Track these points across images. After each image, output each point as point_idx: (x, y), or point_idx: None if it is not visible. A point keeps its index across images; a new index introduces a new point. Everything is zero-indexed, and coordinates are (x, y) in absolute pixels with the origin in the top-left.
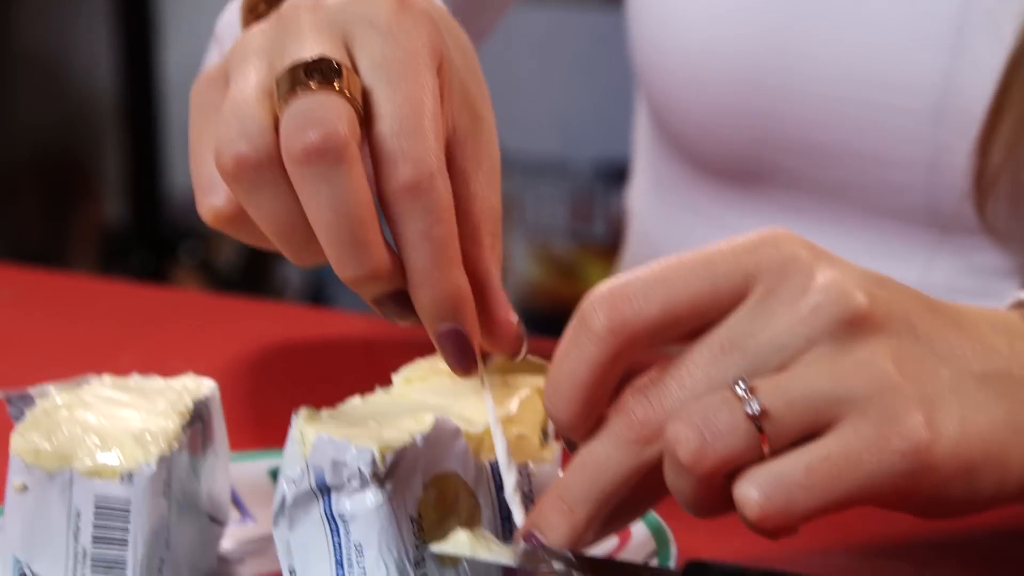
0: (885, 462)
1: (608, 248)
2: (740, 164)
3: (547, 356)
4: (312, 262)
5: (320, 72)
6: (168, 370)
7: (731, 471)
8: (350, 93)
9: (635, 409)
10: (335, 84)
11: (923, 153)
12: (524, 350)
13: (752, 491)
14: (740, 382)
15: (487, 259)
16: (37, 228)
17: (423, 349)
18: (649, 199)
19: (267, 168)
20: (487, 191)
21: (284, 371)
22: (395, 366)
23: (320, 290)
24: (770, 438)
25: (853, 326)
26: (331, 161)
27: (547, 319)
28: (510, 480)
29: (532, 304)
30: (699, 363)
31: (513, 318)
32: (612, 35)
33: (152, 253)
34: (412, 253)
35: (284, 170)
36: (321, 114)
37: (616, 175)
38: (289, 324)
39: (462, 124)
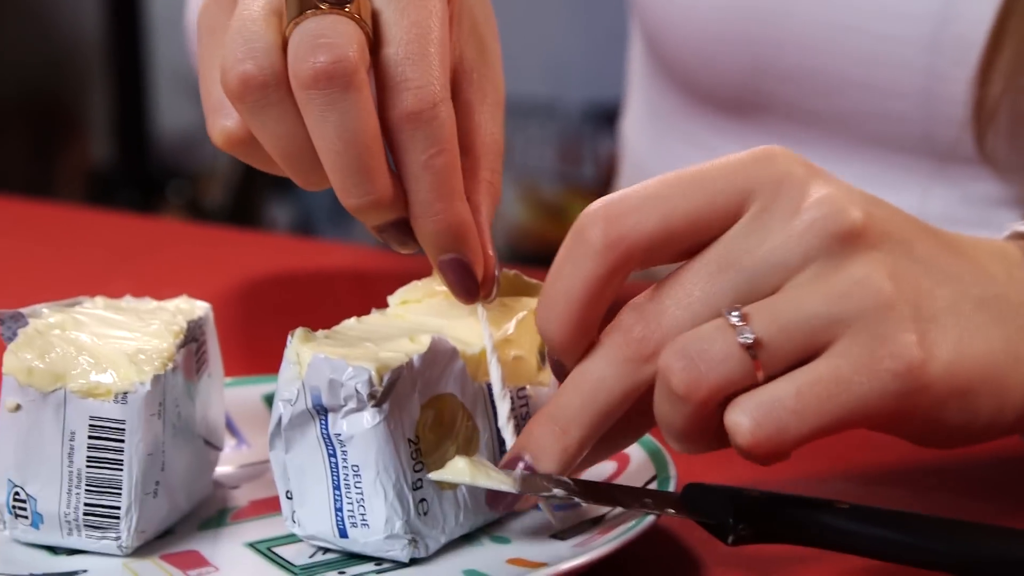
0: (876, 383)
1: (597, 191)
2: (736, 93)
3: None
4: (319, 186)
5: None
6: (159, 297)
7: (724, 400)
8: (360, 16)
9: (632, 327)
10: (346, 7)
11: (919, 82)
12: (495, 293)
13: (743, 418)
14: (734, 311)
15: (480, 194)
16: (24, 168)
17: (415, 276)
18: (644, 130)
19: (273, 89)
20: (490, 124)
21: (276, 299)
22: (387, 292)
23: (308, 228)
24: (764, 365)
25: (848, 241)
26: (340, 87)
27: (535, 261)
28: (504, 409)
29: (520, 247)
30: (696, 282)
31: (493, 262)
32: None
33: (139, 192)
34: (414, 183)
35: (291, 92)
36: (332, 38)
37: (605, 117)
38: (280, 254)
39: (469, 54)
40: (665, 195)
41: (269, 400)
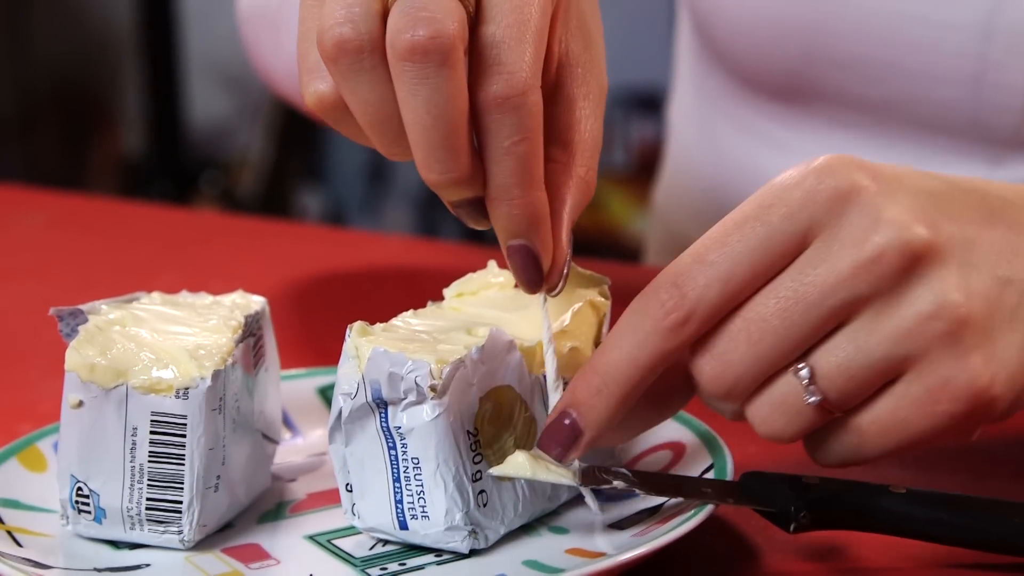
0: (932, 421)
1: (629, 177)
2: (786, 79)
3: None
4: (402, 158)
5: None
6: (210, 290)
7: None
8: None
9: (702, 367)
10: None
11: (971, 69)
12: (560, 288)
13: (810, 449)
14: (802, 367)
15: (569, 188)
16: (57, 159)
17: (459, 267)
18: (691, 115)
19: (368, 55)
20: (591, 119)
21: (323, 291)
22: (436, 284)
23: (338, 220)
24: (835, 408)
25: (913, 266)
26: (435, 62)
27: None
28: (555, 401)
29: None
30: (765, 317)
31: (565, 256)
32: None
33: (172, 183)
34: (495, 167)
35: (385, 60)
36: (433, 11)
37: (637, 104)
38: (321, 245)
39: (575, 48)
40: (725, 254)
41: (323, 393)
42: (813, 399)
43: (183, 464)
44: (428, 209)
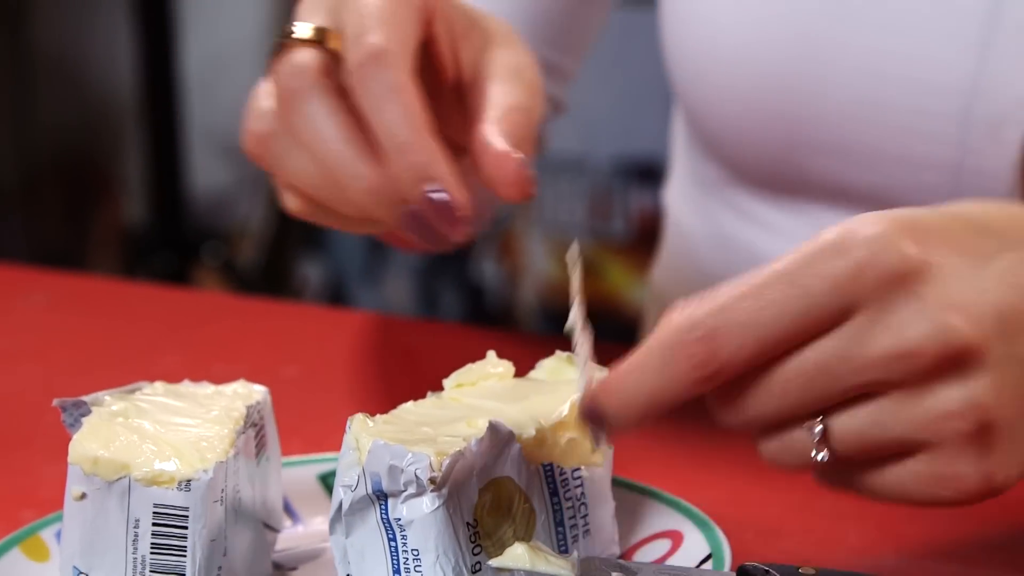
0: (933, 499)
1: (627, 246)
2: (773, 167)
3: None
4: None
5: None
6: (211, 373)
7: None
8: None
9: (720, 404)
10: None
11: (951, 155)
12: (533, 190)
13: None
14: (817, 423)
15: (486, 126)
16: (58, 229)
17: (467, 352)
18: (687, 198)
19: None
20: (502, 91)
21: (327, 373)
22: (436, 367)
23: (339, 290)
24: (841, 464)
25: (952, 362)
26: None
27: (566, 317)
28: (584, 344)
29: (551, 302)
30: (792, 379)
31: (513, 153)
32: (633, 33)
33: (174, 254)
34: (375, 123)
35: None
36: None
37: (636, 172)
38: (328, 326)
39: (469, 44)
40: (763, 316)
41: (324, 480)
42: (821, 455)
43: (185, 556)
44: (429, 279)
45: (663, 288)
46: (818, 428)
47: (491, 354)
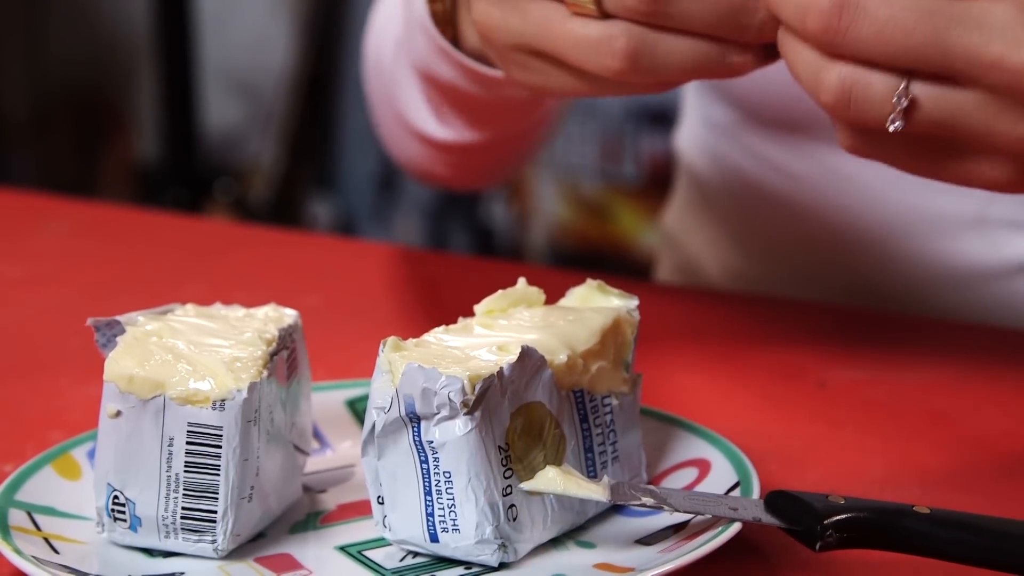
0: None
1: (638, 189)
2: (785, 107)
3: None
4: None
5: None
6: (234, 301)
7: None
8: None
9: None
10: None
11: None
12: None
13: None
14: (905, 95)
15: None
16: (70, 164)
17: (475, 281)
18: (698, 141)
19: None
20: None
21: (344, 302)
22: (456, 297)
23: (349, 225)
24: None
25: None
26: None
27: (577, 259)
28: None
29: (561, 245)
30: (906, 10)
31: None
32: None
33: (186, 190)
34: None
35: None
36: None
37: (646, 117)
38: (342, 256)
39: None
40: None
41: (352, 405)
42: (896, 124)
43: (218, 475)
44: (438, 219)
45: (675, 232)
46: (904, 98)
47: (522, 280)
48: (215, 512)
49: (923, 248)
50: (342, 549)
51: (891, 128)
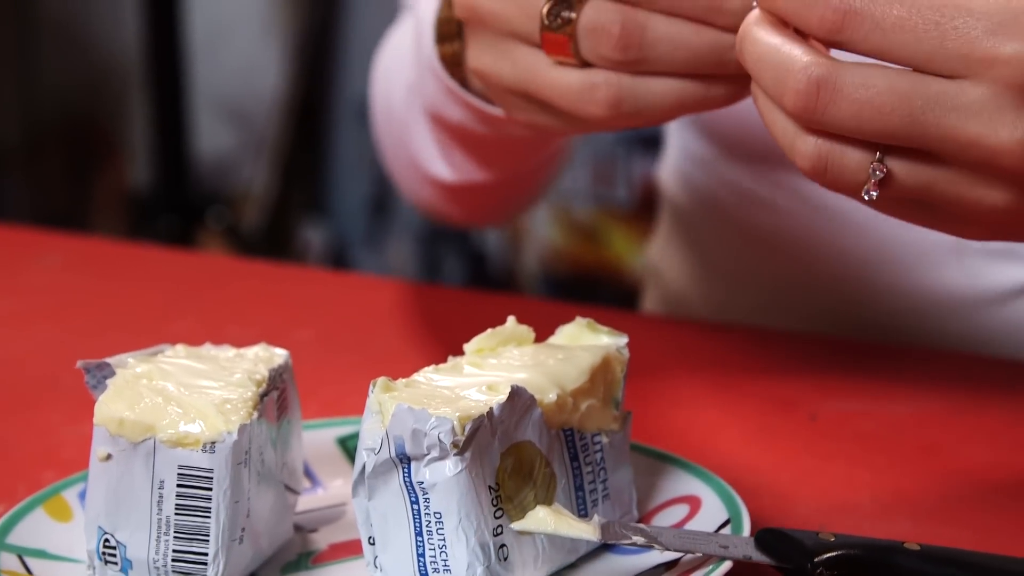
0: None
1: (630, 213)
2: (766, 142)
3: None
4: None
5: None
6: (227, 336)
7: None
8: None
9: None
10: None
11: None
12: None
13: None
14: (880, 168)
15: None
16: (61, 192)
17: (477, 317)
18: (680, 175)
19: None
20: None
21: (336, 337)
22: (449, 332)
23: (341, 255)
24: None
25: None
26: None
27: (569, 284)
28: None
29: (554, 269)
30: (891, 89)
31: None
32: None
33: (178, 217)
34: None
35: None
36: None
37: (639, 140)
38: (335, 290)
39: None
40: (906, 22)
41: (343, 443)
42: (871, 194)
43: (209, 517)
44: (431, 243)
45: (659, 264)
46: (879, 171)
47: (511, 319)
48: (206, 554)
49: (904, 278)
50: None
51: (866, 197)
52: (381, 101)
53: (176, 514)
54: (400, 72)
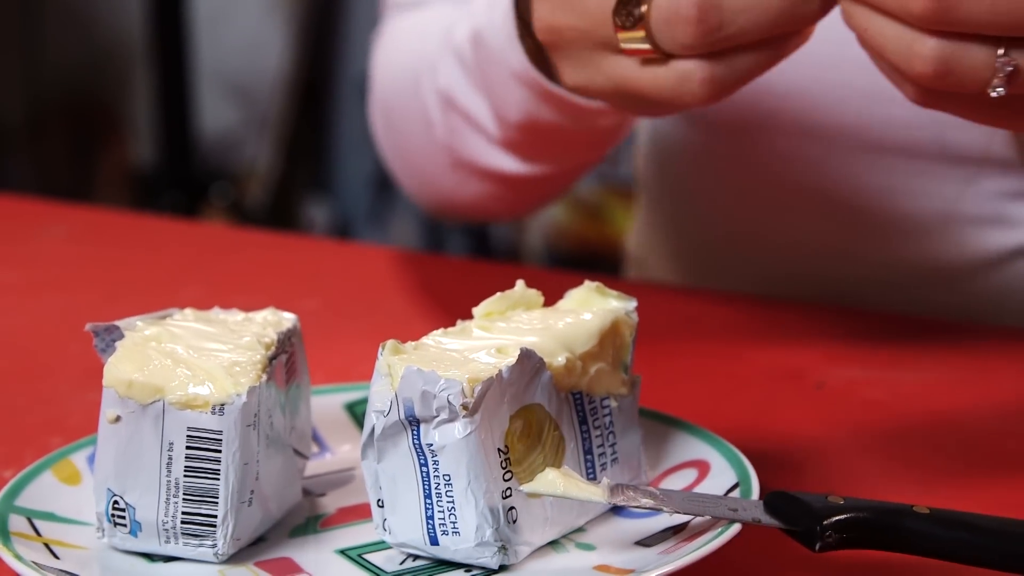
0: None
1: (635, 190)
2: (737, 113)
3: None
4: None
5: None
6: (234, 304)
7: None
8: None
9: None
10: None
11: None
12: None
13: None
14: (1007, 64)
15: None
16: (65, 168)
17: (471, 284)
18: (652, 162)
19: None
20: None
21: (341, 305)
22: (453, 300)
23: (345, 228)
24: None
25: None
26: None
27: (573, 261)
28: None
29: (558, 246)
30: None
31: None
32: None
33: (182, 194)
34: None
35: None
36: None
37: None
38: (338, 259)
39: None
40: None
41: (351, 408)
42: (997, 91)
43: (218, 479)
44: (435, 222)
45: (640, 255)
46: (1008, 65)
47: (520, 283)
48: (215, 516)
49: (889, 249)
50: (342, 552)
51: (993, 94)
52: (397, 103)
53: (185, 476)
54: (432, 74)
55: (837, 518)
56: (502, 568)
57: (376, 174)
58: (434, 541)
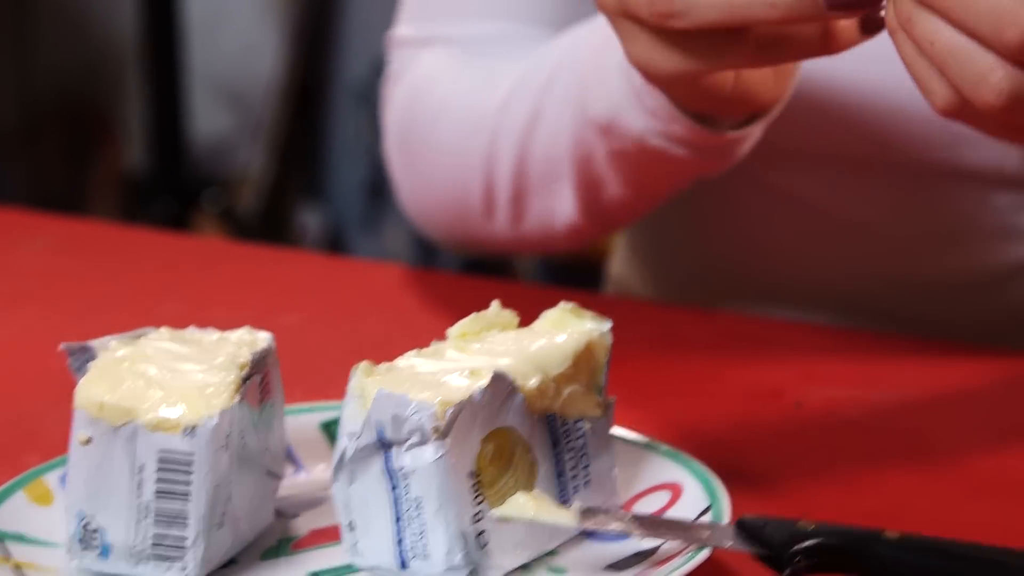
0: None
1: None
2: None
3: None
4: None
5: None
6: (213, 319)
7: None
8: None
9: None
10: None
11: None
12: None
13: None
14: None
15: None
16: (58, 173)
17: (466, 302)
18: None
19: None
20: None
21: (328, 321)
22: (437, 317)
23: (337, 239)
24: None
25: None
26: None
27: (566, 270)
28: None
29: (551, 259)
30: None
31: None
32: None
33: (174, 200)
34: None
35: None
36: None
37: None
38: (328, 273)
39: None
40: None
41: (326, 427)
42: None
43: (189, 501)
44: None
45: (621, 279)
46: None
47: (495, 304)
48: (186, 539)
49: (900, 265)
50: (314, 575)
51: (995, 101)
52: (452, 150)
53: (156, 499)
54: (546, 146)
55: (807, 543)
56: None
57: (369, 180)
58: (404, 564)
